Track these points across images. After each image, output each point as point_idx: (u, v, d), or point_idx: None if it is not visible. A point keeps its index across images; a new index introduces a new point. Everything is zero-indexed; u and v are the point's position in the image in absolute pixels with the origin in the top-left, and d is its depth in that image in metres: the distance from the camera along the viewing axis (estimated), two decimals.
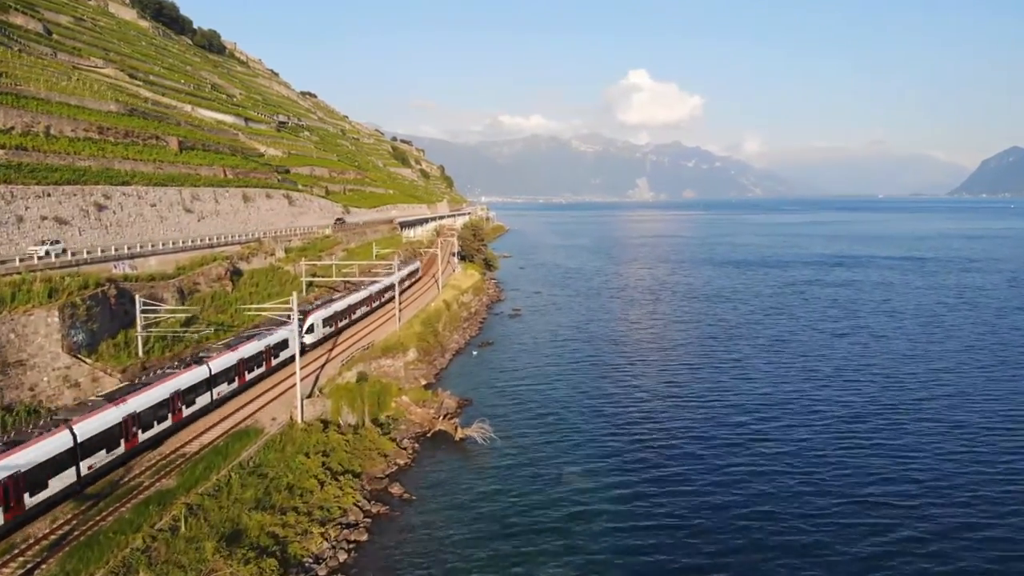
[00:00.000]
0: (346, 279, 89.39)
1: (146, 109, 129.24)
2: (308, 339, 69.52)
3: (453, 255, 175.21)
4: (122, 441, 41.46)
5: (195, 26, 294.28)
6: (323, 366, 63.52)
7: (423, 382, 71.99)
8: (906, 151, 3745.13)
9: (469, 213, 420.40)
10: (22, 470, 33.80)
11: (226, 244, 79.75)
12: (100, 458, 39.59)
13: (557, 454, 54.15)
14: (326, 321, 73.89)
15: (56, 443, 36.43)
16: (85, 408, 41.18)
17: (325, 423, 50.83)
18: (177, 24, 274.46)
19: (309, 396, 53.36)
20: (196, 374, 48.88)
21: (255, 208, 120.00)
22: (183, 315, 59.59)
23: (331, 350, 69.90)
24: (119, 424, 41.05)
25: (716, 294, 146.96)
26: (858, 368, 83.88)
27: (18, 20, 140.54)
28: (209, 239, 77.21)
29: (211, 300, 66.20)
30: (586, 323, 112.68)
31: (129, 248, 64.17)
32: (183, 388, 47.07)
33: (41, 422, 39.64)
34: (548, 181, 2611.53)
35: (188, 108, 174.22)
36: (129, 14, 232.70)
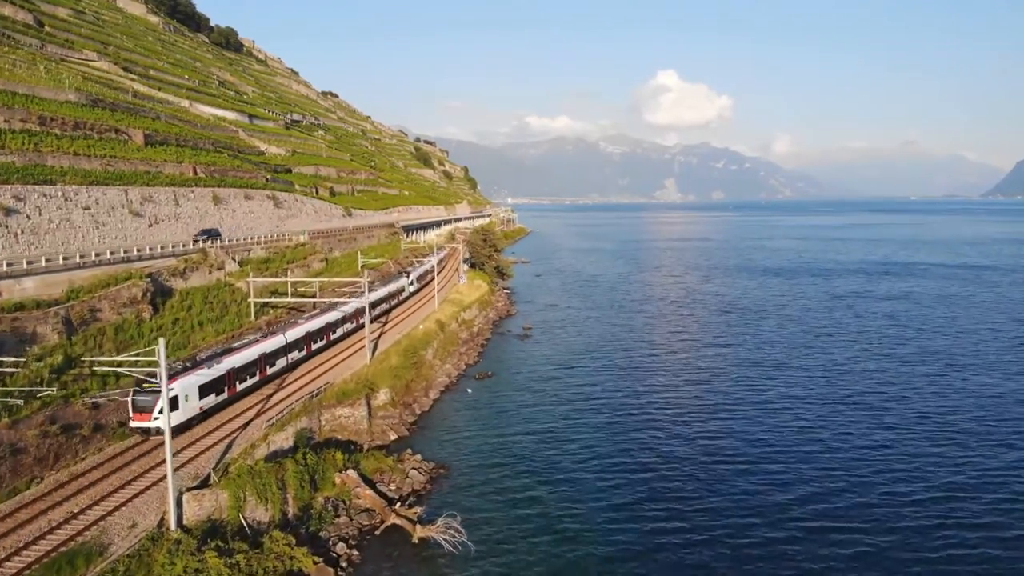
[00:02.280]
0: (315, 299, 73.78)
1: (116, 101, 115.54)
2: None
3: (464, 262, 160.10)
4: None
5: (212, 24, 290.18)
6: (246, 425, 47.66)
7: (392, 436, 56.09)
8: (939, 152, 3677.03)
9: (490, 215, 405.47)
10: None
11: (155, 257, 64.35)
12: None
13: (552, 571, 37.82)
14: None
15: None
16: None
17: (216, 527, 35.11)
18: (193, 21, 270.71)
19: (206, 484, 37.57)
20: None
21: (229, 211, 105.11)
22: (58, 357, 44.25)
23: (269, 397, 54.06)
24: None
25: (756, 308, 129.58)
26: (941, 410, 66.72)
27: (6, 11, 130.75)
28: (126, 252, 61.78)
29: (115, 333, 51.05)
30: (606, 346, 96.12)
31: None
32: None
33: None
34: (575, 182, 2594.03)
35: (186, 103, 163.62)
36: (139, 9, 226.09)
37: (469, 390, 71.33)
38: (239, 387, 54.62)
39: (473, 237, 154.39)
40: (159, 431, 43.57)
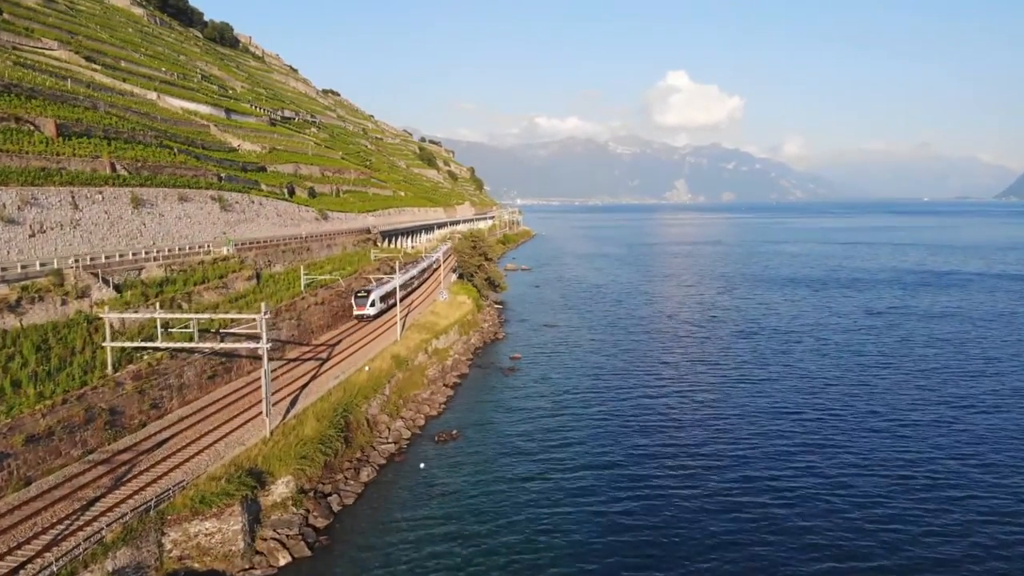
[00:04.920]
0: (196, 344, 52.96)
1: (36, 87, 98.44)
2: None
3: (453, 271, 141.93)
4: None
5: (206, 19, 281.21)
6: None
7: (282, 559, 37.39)
8: (953, 154, 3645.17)
9: (493, 217, 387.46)
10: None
11: None
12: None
13: None
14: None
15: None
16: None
17: None
18: (185, 15, 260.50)
19: None
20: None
21: (154, 215, 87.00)
22: None
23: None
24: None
25: (784, 328, 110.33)
26: None
27: None
28: None
29: None
30: (608, 385, 77.15)
31: None
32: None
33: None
34: (584, 183, 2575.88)
35: (153, 96, 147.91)
36: (122, 1, 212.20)
37: (422, 464, 52.30)
38: (390, 301, 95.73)
39: (461, 244, 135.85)
40: (369, 317, 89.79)
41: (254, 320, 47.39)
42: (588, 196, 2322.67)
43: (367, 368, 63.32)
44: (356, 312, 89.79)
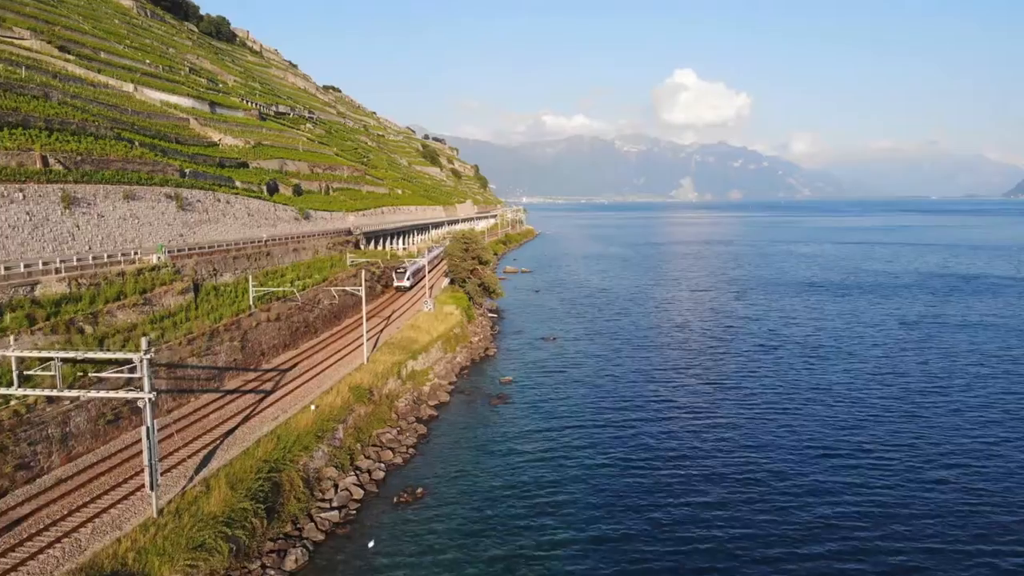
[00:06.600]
0: (59, 392, 39.99)
1: None
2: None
3: (445, 276, 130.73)
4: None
5: (202, 12, 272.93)
6: None
7: None
8: (961, 152, 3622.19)
9: (496, 216, 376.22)
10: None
11: None
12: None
13: None
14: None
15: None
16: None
17: None
18: (180, 9, 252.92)
19: None
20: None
21: (91, 216, 75.65)
22: None
23: None
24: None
25: (808, 342, 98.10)
26: None
27: None
28: None
29: None
30: (613, 415, 65.51)
31: None
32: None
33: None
34: (591, 181, 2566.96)
35: (130, 88, 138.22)
36: None
37: (371, 542, 40.66)
38: (418, 276, 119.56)
39: (452, 247, 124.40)
40: (405, 288, 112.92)
41: (129, 360, 35.89)
42: (594, 194, 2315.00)
43: (314, 406, 51.83)
44: (396, 284, 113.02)
